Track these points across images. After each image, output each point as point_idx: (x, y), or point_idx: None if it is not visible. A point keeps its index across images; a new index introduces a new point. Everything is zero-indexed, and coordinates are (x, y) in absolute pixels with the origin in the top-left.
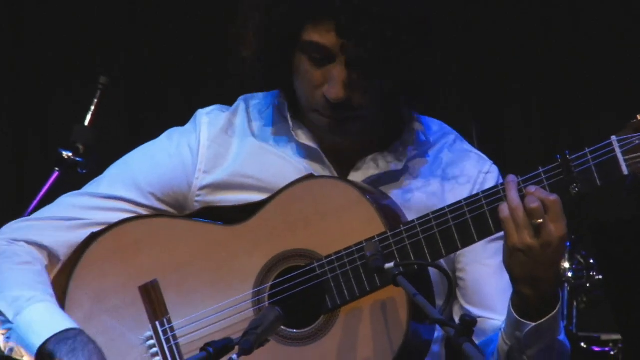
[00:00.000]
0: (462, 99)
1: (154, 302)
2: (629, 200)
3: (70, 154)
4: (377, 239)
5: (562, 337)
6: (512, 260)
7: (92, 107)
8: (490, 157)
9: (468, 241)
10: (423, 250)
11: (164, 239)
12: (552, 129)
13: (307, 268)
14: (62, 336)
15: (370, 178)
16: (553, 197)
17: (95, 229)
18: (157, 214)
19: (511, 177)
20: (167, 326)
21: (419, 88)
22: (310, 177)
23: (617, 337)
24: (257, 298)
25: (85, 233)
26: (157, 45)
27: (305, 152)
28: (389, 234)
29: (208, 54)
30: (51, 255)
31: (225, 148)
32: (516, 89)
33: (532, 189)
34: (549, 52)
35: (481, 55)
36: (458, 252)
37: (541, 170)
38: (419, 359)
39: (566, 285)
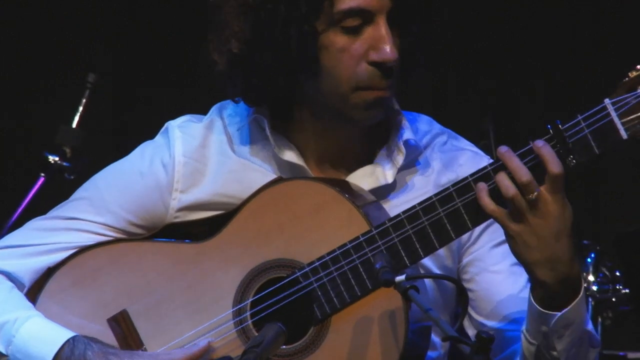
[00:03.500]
0: (477, 94)
1: (125, 334)
2: None
3: (56, 158)
4: (361, 238)
5: (590, 327)
6: (518, 245)
7: (80, 107)
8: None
9: (461, 230)
10: (414, 246)
11: (128, 264)
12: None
13: (290, 279)
14: (64, 355)
15: None
16: (557, 170)
17: (61, 254)
18: (116, 239)
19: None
20: None
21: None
22: (279, 180)
23: None
24: (238, 318)
25: (52, 257)
26: (146, 42)
27: (289, 169)
28: (374, 232)
29: (199, 52)
30: (16, 283)
31: (202, 164)
32: (532, 81)
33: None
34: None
35: (496, 50)
36: (464, 263)
37: (532, 144)
38: (422, 357)
39: (590, 299)
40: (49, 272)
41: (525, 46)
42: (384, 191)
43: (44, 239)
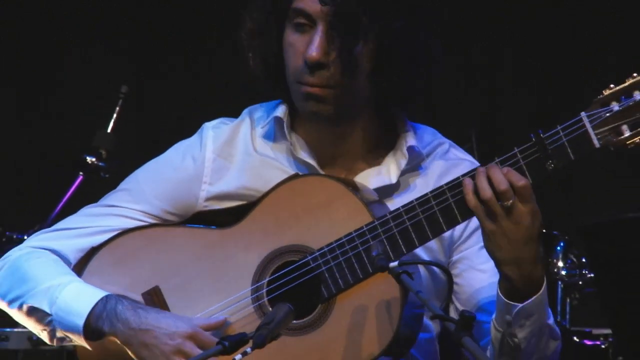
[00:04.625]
0: (461, 104)
1: (157, 307)
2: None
3: (93, 159)
4: (365, 228)
5: (551, 321)
6: (491, 243)
7: (115, 115)
8: (487, 158)
9: (452, 223)
10: (411, 237)
11: (161, 246)
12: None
13: (301, 262)
14: (97, 309)
15: None
16: (522, 182)
17: (104, 235)
18: (152, 224)
19: (481, 168)
20: None
21: (403, 65)
22: (295, 176)
23: (608, 331)
24: (255, 295)
25: (95, 239)
26: (177, 50)
27: (304, 168)
28: (376, 222)
29: (229, 60)
30: (63, 260)
31: (228, 161)
32: (513, 88)
33: (504, 170)
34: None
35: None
36: (454, 259)
37: (516, 150)
38: (414, 339)
39: (560, 283)
40: (93, 252)
41: (525, 46)
42: (389, 190)
43: (89, 223)
